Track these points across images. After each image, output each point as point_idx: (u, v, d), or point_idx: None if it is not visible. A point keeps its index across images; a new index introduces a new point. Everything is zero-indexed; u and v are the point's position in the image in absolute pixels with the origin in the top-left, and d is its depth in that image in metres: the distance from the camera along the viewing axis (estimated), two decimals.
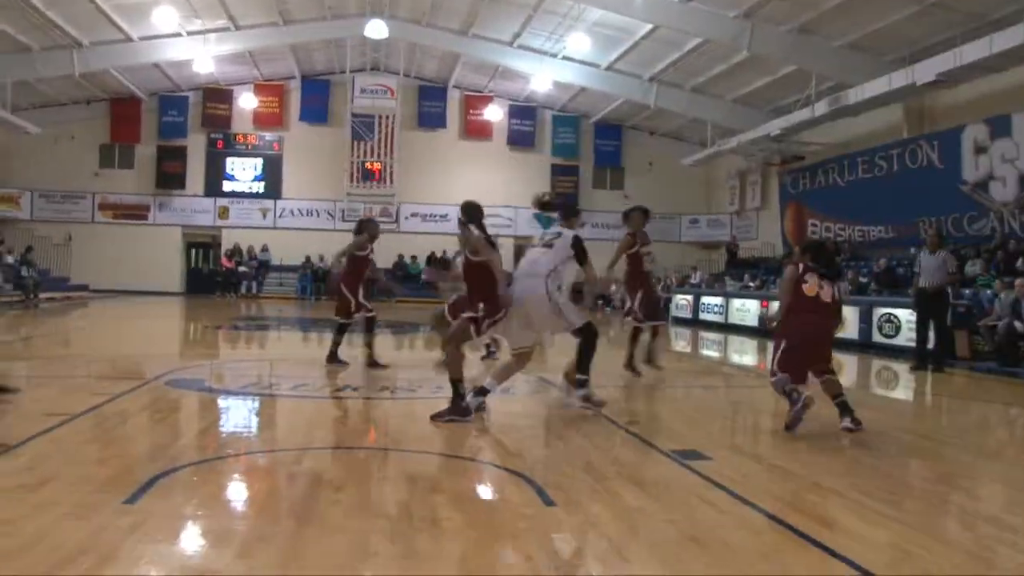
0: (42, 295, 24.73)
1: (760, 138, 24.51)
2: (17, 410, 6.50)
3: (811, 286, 6.48)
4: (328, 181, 31.33)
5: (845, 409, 6.34)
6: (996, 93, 17.84)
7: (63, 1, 21.99)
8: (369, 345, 9.95)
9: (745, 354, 16.15)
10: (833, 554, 3.50)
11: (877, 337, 15.70)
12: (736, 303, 21.49)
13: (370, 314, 9.96)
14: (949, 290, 12.38)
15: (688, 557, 3.50)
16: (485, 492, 4.69)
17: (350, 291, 9.82)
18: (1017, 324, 12.14)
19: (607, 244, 36.86)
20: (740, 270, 26.03)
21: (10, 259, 25.75)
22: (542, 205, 7.69)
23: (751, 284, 23.39)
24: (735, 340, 18.53)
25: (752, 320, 20.03)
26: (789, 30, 20.31)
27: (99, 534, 3.50)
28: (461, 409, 6.32)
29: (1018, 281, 12.69)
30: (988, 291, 13.97)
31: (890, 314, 15.42)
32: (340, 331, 10.05)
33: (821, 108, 21.04)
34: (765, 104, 25.57)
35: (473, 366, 8.84)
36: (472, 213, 6.74)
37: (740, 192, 30.49)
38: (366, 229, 10.07)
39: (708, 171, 31.75)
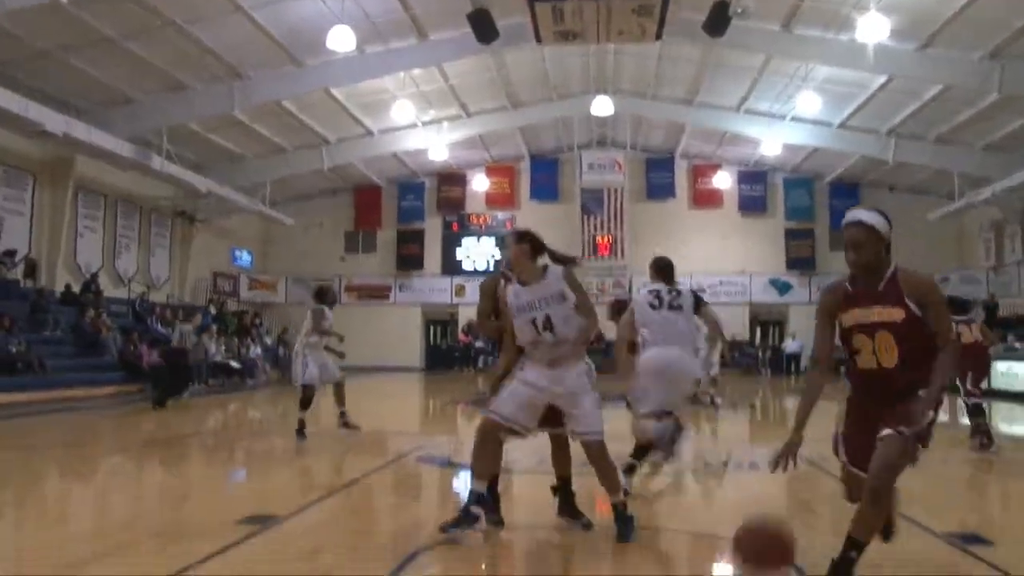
0: None
1: (1018, 186, 22.55)
2: (283, 484, 6.93)
3: None
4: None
5: None
6: None
7: (314, 105, 24.01)
8: None
9: (1014, 423, 14.66)
10: None
11: None
12: (1001, 366, 19.68)
13: None
14: None
15: None
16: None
17: None
18: None
19: None
20: (1002, 330, 23.83)
21: (268, 340, 27.98)
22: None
23: (1017, 345, 21.34)
24: (1001, 407, 16.87)
25: (1021, 385, 18.28)
26: None
27: None
28: None
29: None
30: None
31: None
32: None
33: None
34: (1022, 147, 23.54)
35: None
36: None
37: (997, 245, 28.15)
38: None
39: (958, 225, 29.62)
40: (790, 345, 31.10)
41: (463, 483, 7.59)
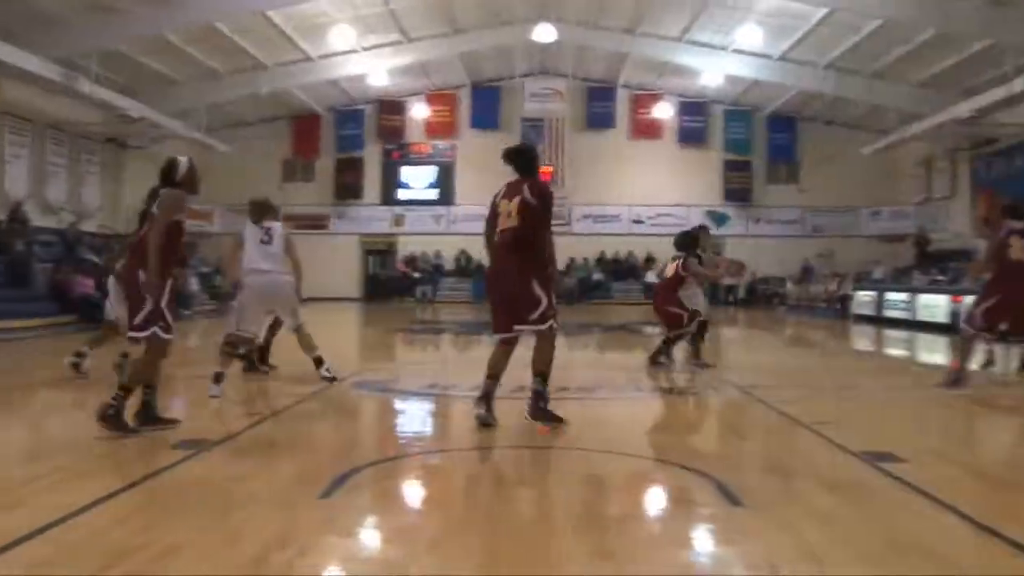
0: (232, 303, 26.37)
1: (947, 122, 22.94)
2: (219, 411, 6.93)
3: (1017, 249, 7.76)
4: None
5: None
6: None
7: (249, 27, 23.31)
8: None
9: (935, 352, 15.19)
10: None
11: None
12: (924, 299, 20.30)
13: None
14: None
15: (894, 564, 3.29)
16: (671, 492, 4.59)
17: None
18: None
19: (782, 240, 35.77)
20: (928, 264, 24.55)
21: (205, 269, 27.57)
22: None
23: (941, 278, 22.01)
24: (924, 338, 17.46)
25: (943, 316, 18.88)
26: (983, 2, 18.91)
27: (298, 527, 3.66)
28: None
29: None
30: None
31: None
32: None
33: (1020, 85, 19.48)
34: (954, 85, 23.86)
35: None
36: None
37: (926, 181, 28.76)
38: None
39: (890, 160, 30.09)
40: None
41: (400, 408, 7.71)
